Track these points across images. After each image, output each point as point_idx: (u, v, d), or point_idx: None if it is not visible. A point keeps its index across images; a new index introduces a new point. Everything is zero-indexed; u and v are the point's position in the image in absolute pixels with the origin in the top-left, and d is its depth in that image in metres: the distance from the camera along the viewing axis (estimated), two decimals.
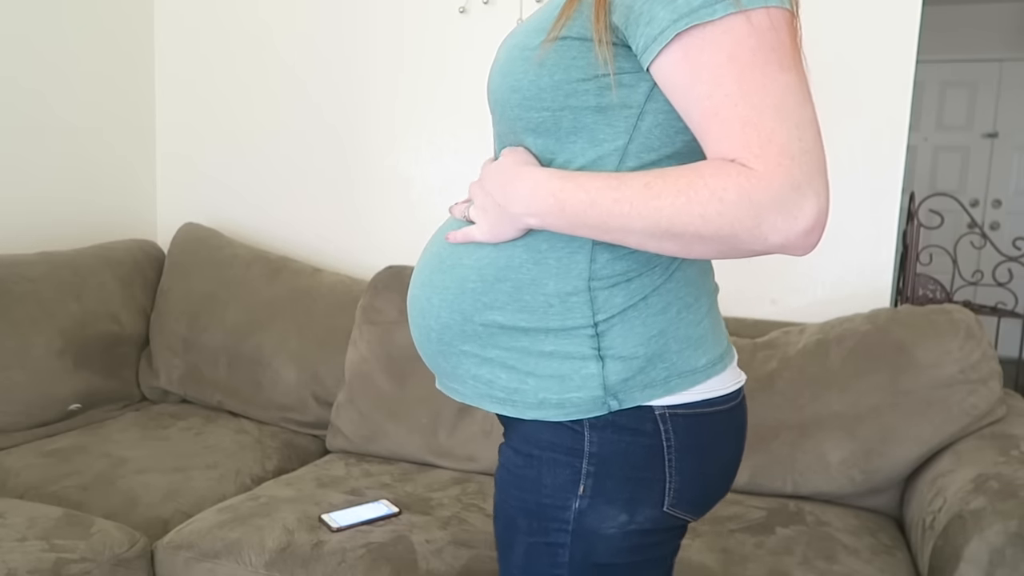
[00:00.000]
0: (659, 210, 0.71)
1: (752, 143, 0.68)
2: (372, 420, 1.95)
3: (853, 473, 1.65)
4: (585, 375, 0.81)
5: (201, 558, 1.50)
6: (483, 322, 0.84)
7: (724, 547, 1.48)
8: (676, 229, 0.70)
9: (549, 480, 0.83)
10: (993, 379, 1.65)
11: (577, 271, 0.81)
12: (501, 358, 0.84)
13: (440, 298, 0.87)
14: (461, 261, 0.86)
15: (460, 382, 0.89)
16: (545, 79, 0.79)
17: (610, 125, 0.79)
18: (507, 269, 0.83)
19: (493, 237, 0.83)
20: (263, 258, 2.30)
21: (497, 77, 0.84)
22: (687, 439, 0.83)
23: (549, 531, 0.84)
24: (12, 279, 2.00)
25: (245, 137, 2.51)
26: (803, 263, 2.00)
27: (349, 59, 2.36)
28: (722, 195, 0.68)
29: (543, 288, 0.82)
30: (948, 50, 5.03)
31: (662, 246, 0.73)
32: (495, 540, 0.93)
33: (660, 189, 0.71)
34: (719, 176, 0.69)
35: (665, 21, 0.70)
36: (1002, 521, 1.26)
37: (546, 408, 0.83)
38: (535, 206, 0.78)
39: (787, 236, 0.68)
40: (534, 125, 0.82)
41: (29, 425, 1.96)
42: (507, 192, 0.80)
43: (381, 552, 1.46)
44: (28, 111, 2.22)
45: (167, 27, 2.55)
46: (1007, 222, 5.15)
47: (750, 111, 0.68)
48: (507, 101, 0.83)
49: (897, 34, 1.88)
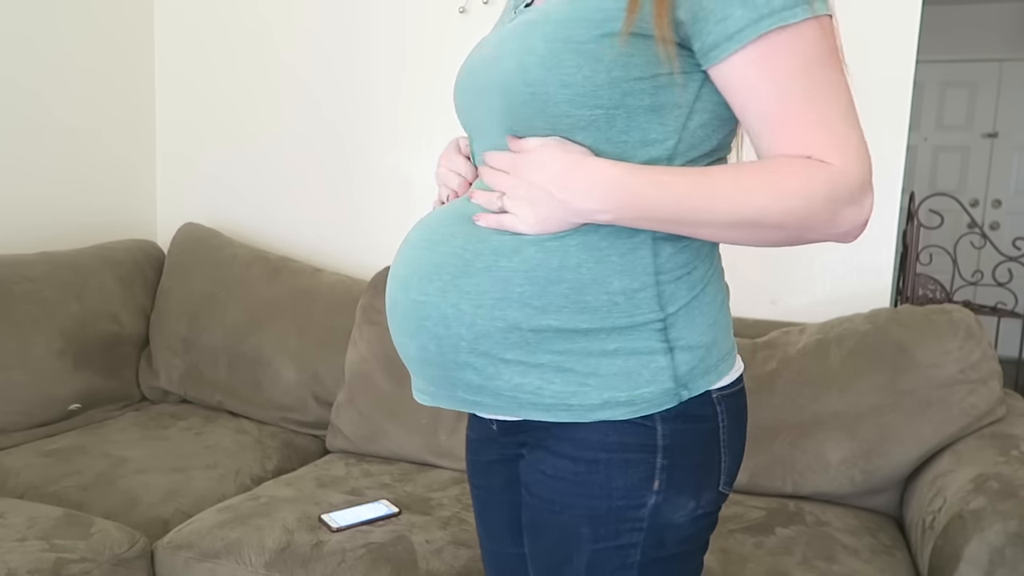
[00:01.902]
0: (747, 204, 0.74)
1: (825, 142, 0.74)
2: (372, 420, 1.95)
3: (853, 473, 1.66)
4: (655, 369, 0.80)
5: (201, 558, 1.50)
6: (534, 328, 0.79)
7: (723, 547, 1.48)
8: (763, 220, 0.75)
9: (620, 482, 0.81)
10: (993, 379, 1.65)
11: (642, 266, 0.80)
12: (555, 362, 0.80)
13: (474, 304, 0.80)
14: (498, 263, 0.80)
15: (490, 394, 0.83)
16: (602, 76, 0.76)
17: (662, 124, 0.79)
18: (562, 270, 0.79)
19: (541, 230, 0.79)
20: (263, 258, 2.30)
21: (536, 70, 0.78)
22: (732, 418, 0.86)
23: (620, 533, 0.82)
24: (12, 279, 2.00)
25: (245, 137, 2.51)
26: (803, 263, 2.00)
27: (349, 59, 2.36)
28: (811, 190, 0.73)
29: (607, 287, 0.79)
30: (948, 50, 5.03)
31: (736, 236, 0.77)
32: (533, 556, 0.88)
33: (749, 184, 0.75)
34: (806, 172, 0.74)
35: (742, 21, 0.72)
36: (1002, 521, 1.26)
37: (612, 407, 0.80)
38: (610, 202, 0.76)
39: (853, 225, 0.76)
40: (584, 123, 0.78)
41: (29, 425, 1.96)
42: (569, 186, 0.77)
43: (381, 552, 1.46)
44: (27, 111, 2.22)
45: (167, 26, 2.55)
46: (1007, 222, 5.15)
47: (825, 111, 0.74)
48: (552, 96, 0.78)
49: (897, 34, 1.88)
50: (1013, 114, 5.11)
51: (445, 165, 0.94)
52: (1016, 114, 5.11)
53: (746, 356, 1.78)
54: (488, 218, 0.82)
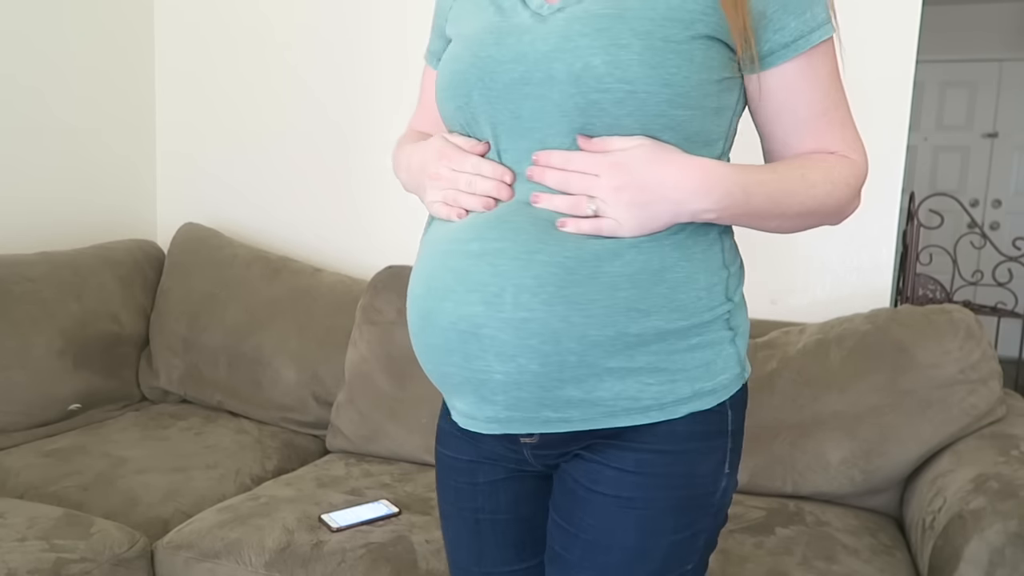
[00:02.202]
0: (814, 196, 0.83)
1: (849, 139, 0.87)
2: (372, 420, 1.95)
3: (853, 473, 1.65)
4: (726, 356, 0.84)
5: (201, 558, 1.50)
6: (637, 332, 0.78)
7: (723, 547, 1.48)
8: (820, 210, 0.85)
9: (703, 469, 0.85)
10: (993, 379, 1.65)
11: (718, 261, 0.85)
12: (651, 364, 0.80)
13: (584, 315, 0.77)
14: (602, 269, 0.77)
15: (589, 406, 0.81)
16: (694, 77, 0.78)
17: (718, 126, 0.83)
18: (662, 271, 0.79)
19: (641, 232, 0.78)
20: (263, 258, 2.30)
21: (637, 67, 0.76)
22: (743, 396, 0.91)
23: (697, 520, 0.86)
24: (12, 279, 2.00)
25: (245, 136, 2.50)
26: (803, 263, 2.00)
27: (350, 58, 2.36)
28: (849, 181, 0.85)
29: (695, 283, 0.82)
30: (948, 50, 5.03)
31: (792, 225, 0.86)
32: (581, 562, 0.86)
33: (813, 178, 0.83)
34: (844, 166, 0.85)
35: (797, 31, 0.80)
36: (1002, 521, 1.26)
37: (700, 398, 0.83)
38: (723, 201, 0.78)
39: (853, 210, 0.89)
40: (674, 123, 0.78)
41: (29, 425, 1.96)
42: (685, 186, 0.77)
43: (381, 552, 1.46)
44: (27, 110, 2.22)
45: (167, 24, 2.55)
46: (1007, 222, 5.15)
47: (845, 114, 0.87)
48: (653, 95, 0.76)
49: (897, 34, 1.88)
50: (1013, 114, 5.11)
51: (450, 167, 0.85)
52: (1016, 114, 5.11)
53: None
54: (581, 224, 0.78)
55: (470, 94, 0.83)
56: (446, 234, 0.85)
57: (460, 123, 0.87)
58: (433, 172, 0.87)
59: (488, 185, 0.82)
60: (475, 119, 0.84)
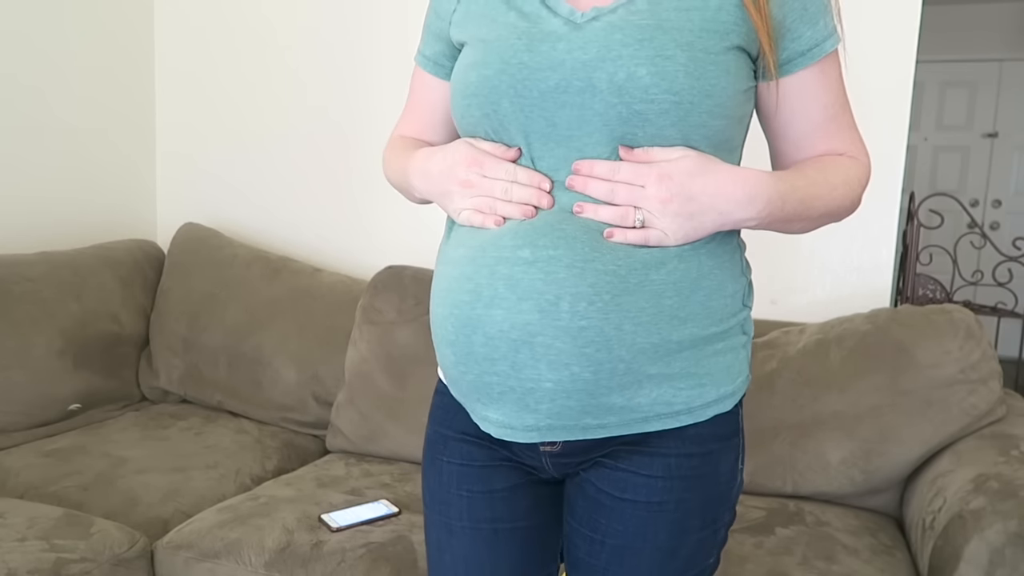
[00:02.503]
0: (836, 198, 0.87)
1: (856, 141, 0.91)
2: (372, 420, 1.95)
3: (853, 473, 1.65)
4: (741, 360, 0.88)
5: (201, 558, 1.50)
6: (677, 339, 0.81)
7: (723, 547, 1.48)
8: (838, 210, 0.88)
9: (725, 467, 0.88)
10: (993, 379, 1.65)
11: (740, 267, 0.89)
12: (684, 369, 0.82)
13: (634, 323, 0.78)
14: (650, 278, 0.79)
15: (627, 413, 0.81)
16: (731, 88, 0.81)
17: (740, 134, 0.88)
18: (699, 279, 0.82)
19: (686, 241, 0.80)
20: (263, 258, 2.30)
21: (683, 78, 0.77)
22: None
23: (719, 516, 0.89)
24: (12, 279, 2.00)
25: (246, 136, 2.50)
26: (803, 263, 2.00)
27: (351, 58, 2.36)
28: (860, 180, 0.90)
29: (725, 290, 0.85)
30: (948, 50, 5.03)
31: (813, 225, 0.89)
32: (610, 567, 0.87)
33: (834, 180, 0.87)
34: (855, 168, 0.90)
35: (812, 40, 0.84)
36: (1002, 521, 1.26)
37: (723, 400, 0.86)
38: (766, 209, 0.80)
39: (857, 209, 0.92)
40: (712, 133, 0.81)
41: (29, 425, 1.96)
42: (733, 197, 0.78)
43: (381, 552, 1.46)
44: (27, 110, 2.22)
45: (167, 24, 2.55)
46: (1007, 222, 5.15)
47: (851, 117, 0.91)
48: (696, 105, 0.78)
49: (897, 34, 1.88)
50: (1013, 114, 5.11)
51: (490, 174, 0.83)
52: (1016, 114, 5.11)
53: None
54: (628, 234, 0.78)
55: (499, 101, 0.82)
56: (487, 241, 0.82)
57: (486, 130, 0.85)
58: (463, 179, 0.84)
59: (527, 193, 0.81)
60: (504, 126, 0.83)
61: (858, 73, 1.95)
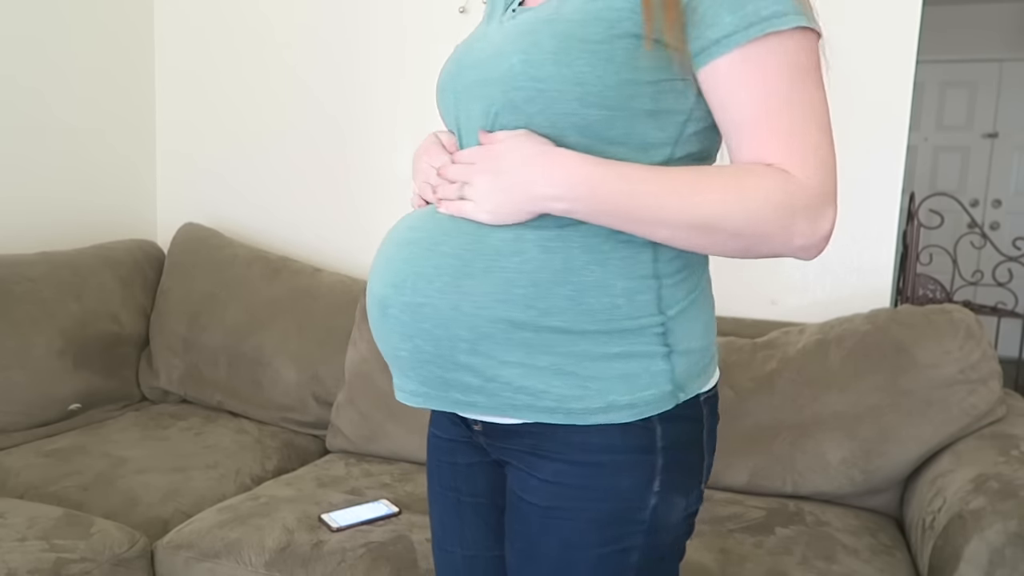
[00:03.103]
0: (702, 205, 0.74)
1: (796, 151, 0.75)
2: (372, 420, 1.95)
3: (853, 473, 1.66)
4: (654, 372, 0.81)
5: (201, 558, 1.50)
6: (535, 329, 0.79)
7: (723, 547, 1.48)
8: (717, 226, 0.74)
9: (626, 483, 0.82)
10: (993, 379, 1.65)
11: (643, 269, 0.81)
12: (556, 365, 0.80)
13: (475, 305, 0.79)
14: (498, 263, 0.79)
15: (488, 394, 0.82)
16: (612, 77, 0.76)
17: (660, 130, 0.79)
18: (566, 272, 0.79)
19: (496, 218, 0.79)
20: (263, 258, 2.30)
21: (549, 66, 0.77)
22: (712, 418, 0.88)
23: (624, 536, 0.83)
24: (12, 279, 2.00)
25: (246, 137, 2.51)
26: (803, 263, 2.00)
27: (350, 58, 2.36)
28: (767, 196, 0.74)
29: (610, 289, 0.79)
30: (948, 50, 5.03)
31: (691, 241, 0.76)
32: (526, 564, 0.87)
33: (707, 185, 0.75)
34: (766, 179, 0.74)
35: (731, 27, 0.73)
36: (1002, 521, 1.26)
37: (615, 411, 0.80)
38: (568, 190, 0.76)
39: (809, 240, 0.75)
40: (586, 123, 0.78)
41: (29, 425, 1.96)
42: (532, 173, 0.77)
43: (381, 552, 1.46)
44: (27, 110, 2.22)
45: (167, 24, 2.55)
46: (1007, 222, 5.15)
47: (798, 121, 0.75)
48: (563, 93, 0.77)
49: (897, 34, 1.88)
50: (1013, 114, 5.11)
51: (427, 162, 0.90)
52: (1016, 114, 5.11)
53: (746, 356, 1.78)
54: (450, 206, 0.82)
55: (446, 96, 0.91)
56: (398, 222, 0.91)
57: (446, 121, 0.93)
58: (414, 166, 0.93)
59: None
60: (449, 118, 0.91)
61: (858, 73, 1.96)
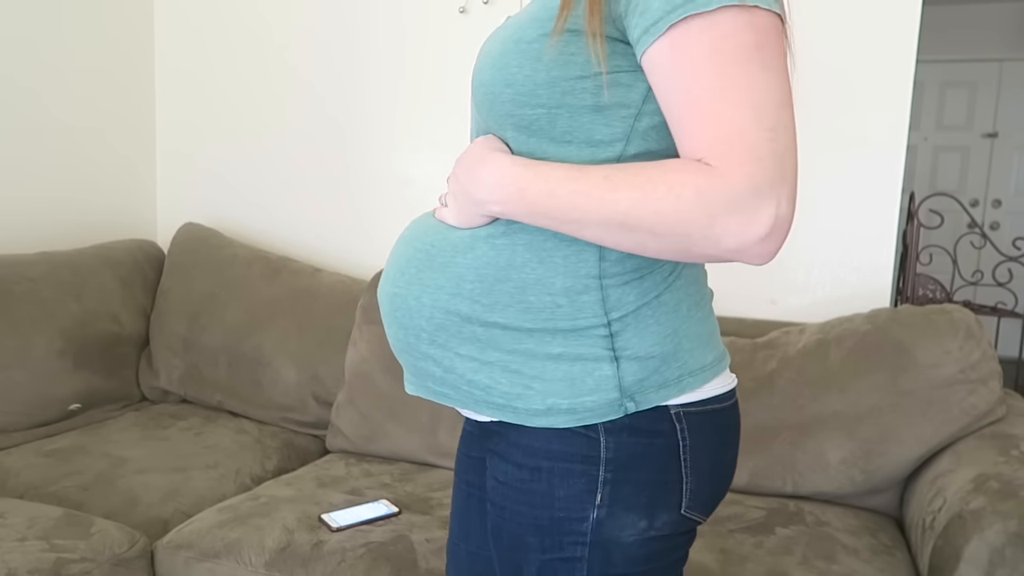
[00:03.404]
0: (615, 203, 0.70)
1: (720, 140, 0.67)
2: (372, 420, 1.95)
3: (853, 473, 1.66)
4: (599, 377, 0.77)
5: (201, 558, 1.50)
6: (483, 324, 0.80)
7: (723, 547, 1.48)
8: (631, 223, 0.70)
9: (562, 492, 0.79)
10: (993, 379, 1.65)
11: (587, 268, 0.78)
12: (503, 362, 0.79)
13: (432, 298, 0.82)
14: (455, 259, 0.81)
15: (451, 387, 0.84)
16: (542, 74, 0.75)
17: (608, 126, 0.76)
18: (508, 268, 0.79)
19: (460, 222, 0.82)
20: (263, 258, 2.30)
21: (488, 70, 0.79)
22: (700, 437, 0.81)
23: (564, 546, 0.80)
24: (12, 279, 2.00)
25: (245, 137, 2.51)
26: (803, 263, 2.00)
27: (349, 58, 2.36)
28: (679, 192, 0.67)
29: (549, 287, 0.78)
30: (948, 50, 5.03)
31: (618, 241, 0.72)
32: (496, 562, 0.87)
33: (618, 182, 0.70)
34: (678, 173, 0.68)
35: (659, 12, 0.68)
36: (1002, 521, 1.26)
37: (555, 415, 0.78)
38: (498, 193, 0.76)
39: (741, 241, 0.67)
40: (527, 123, 0.77)
41: (29, 425, 1.96)
42: (473, 178, 0.79)
43: (381, 552, 1.46)
44: (27, 111, 2.22)
45: (167, 25, 2.55)
46: (1007, 222, 5.15)
47: (724, 107, 0.67)
48: (498, 95, 0.78)
49: (897, 34, 1.88)
50: (1013, 114, 5.11)
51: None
52: (1016, 114, 5.11)
53: (746, 356, 1.78)
54: (438, 210, 0.87)
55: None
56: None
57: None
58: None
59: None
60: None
61: (858, 73, 1.96)
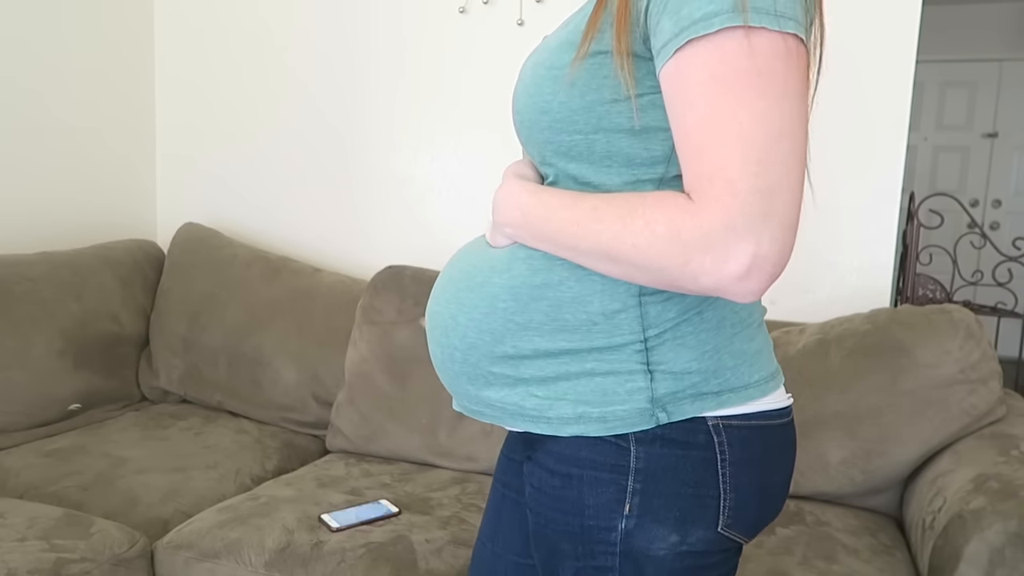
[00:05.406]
0: (599, 234, 0.70)
1: (702, 175, 0.64)
2: (372, 420, 1.95)
3: (853, 473, 1.66)
4: (631, 388, 0.77)
5: (201, 558, 1.50)
6: (516, 344, 0.79)
7: None
8: (614, 255, 0.70)
9: (591, 500, 0.79)
10: (993, 379, 1.65)
11: (626, 286, 0.76)
12: (536, 378, 0.80)
13: (467, 317, 0.82)
14: (491, 279, 0.81)
15: (486, 404, 0.84)
16: (576, 100, 0.74)
17: (646, 149, 0.74)
18: (545, 287, 0.78)
19: (493, 241, 0.85)
20: (263, 258, 2.30)
21: (523, 98, 0.79)
22: (743, 452, 0.78)
23: (596, 554, 0.80)
24: (12, 279, 2.00)
25: (245, 137, 2.51)
26: (803, 263, 2.00)
27: (349, 59, 2.36)
28: (654, 227, 0.66)
29: (586, 306, 0.77)
30: (948, 50, 5.04)
31: (609, 270, 0.73)
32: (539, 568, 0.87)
33: (603, 213, 0.71)
34: (656, 207, 0.67)
35: (668, 34, 0.66)
36: (1002, 521, 1.26)
37: (586, 423, 0.78)
38: (507, 216, 0.80)
39: (718, 280, 0.65)
40: (566, 149, 0.77)
41: (29, 425, 1.96)
42: (495, 200, 0.83)
43: (381, 552, 1.46)
44: (27, 111, 2.22)
45: (167, 27, 2.55)
46: (1007, 222, 5.15)
47: (710, 138, 0.64)
48: (535, 123, 0.78)
49: (897, 34, 1.88)
50: (1013, 114, 5.11)
51: None
52: (1016, 114, 5.11)
53: None
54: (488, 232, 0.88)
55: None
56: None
57: None
58: None
59: None
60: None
61: (858, 73, 1.96)
